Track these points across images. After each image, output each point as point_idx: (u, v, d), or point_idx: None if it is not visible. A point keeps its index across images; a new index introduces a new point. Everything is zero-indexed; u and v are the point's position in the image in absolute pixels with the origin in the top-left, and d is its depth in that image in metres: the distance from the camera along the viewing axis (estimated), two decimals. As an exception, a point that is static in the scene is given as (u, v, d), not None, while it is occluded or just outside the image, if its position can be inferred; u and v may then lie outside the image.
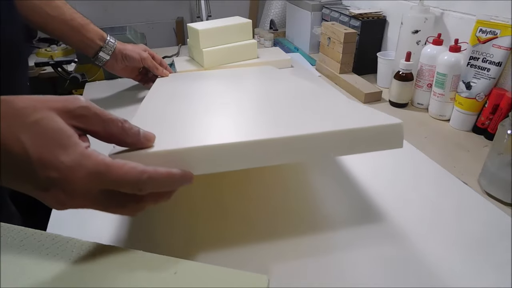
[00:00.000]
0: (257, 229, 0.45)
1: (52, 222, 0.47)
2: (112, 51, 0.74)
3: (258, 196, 0.51)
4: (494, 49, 0.66)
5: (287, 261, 0.41)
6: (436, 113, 0.77)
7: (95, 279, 0.30)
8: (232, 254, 0.42)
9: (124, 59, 0.76)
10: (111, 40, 0.74)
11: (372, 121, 0.38)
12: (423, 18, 0.80)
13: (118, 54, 0.75)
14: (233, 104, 0.53)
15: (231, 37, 0.95)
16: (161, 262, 0.31)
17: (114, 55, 0.74)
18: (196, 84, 0.71)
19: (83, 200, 0.29)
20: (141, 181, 0.30)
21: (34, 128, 0.27)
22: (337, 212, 0.48)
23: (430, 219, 0.47)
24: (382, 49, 1.02)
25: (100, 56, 0.73)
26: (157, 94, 0.64)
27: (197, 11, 1.56)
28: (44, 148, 0.27)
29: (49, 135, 0.27)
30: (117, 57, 0.75)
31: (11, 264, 0.31)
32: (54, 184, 0.27)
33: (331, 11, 1.08)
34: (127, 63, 0.77)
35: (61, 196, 0.28)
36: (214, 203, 0.50)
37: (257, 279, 0.30)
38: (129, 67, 0.79)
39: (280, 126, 0.41)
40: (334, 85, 0.93)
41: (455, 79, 0.72)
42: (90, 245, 0.33)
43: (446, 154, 0.64)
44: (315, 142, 0.37)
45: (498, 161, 0.53)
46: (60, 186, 0.28)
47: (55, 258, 0.32)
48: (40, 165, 0.27)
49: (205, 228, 0.46)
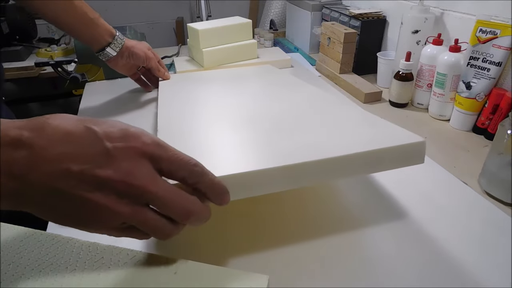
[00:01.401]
0: (262, 230, 0.45)
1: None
2: (120, 48, 0.73)
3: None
4: (494, 49, 0.66)
5: (288, 261, 0.41)
6: (436, 113, 0.77)
7: (95, 279, 0.30)
8: (234, 255, 0.42)
9: (130, 56, 0.75)
10: (119, 36, 0.73)
11: (396, 140, 0.39)
12: (423, 18, 0.80)
13: (125, 51, 0.74)
14: (250, 116, 0.53)
15: (231, 37, 0.95)
16: (161, 262, 0.31)
17: (121, 52, 0.74)
18: (205, 90, 0.72)
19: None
20: (194, 171, 0.29)
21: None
22: (337, 212, 0.48)
23: (430, 219, 0.47)
24: (382, 49, 1.02)
25: (107, 52, 0.72)
26: (170, 102, 0.65)
27: (197, 11, 1.56)
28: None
29: None
30: (124, 54, 0.74)
31: (11, 264, 0.31)
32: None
33: (331, 11, 1.08)
34: (132, 61, 0.77)
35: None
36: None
37: (257, 279, 0.30)
38: (129, 64, 0.78)
39: (309, 146, 0.40)
40: (334, 85, 0.93)
41: (455, 79, 0.72)
42: (90, 245, 0.33)
43: (446, 154, 0.64)
44: (344, 164, 0.37)
45: (498, 161, 0.53)
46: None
47: (55, 258, 0.32)
48: None
49: (210, 228, 0.46)
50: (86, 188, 0.25)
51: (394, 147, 0.39)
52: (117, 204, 0.26)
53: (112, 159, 0.26)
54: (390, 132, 0.42)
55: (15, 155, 0.24)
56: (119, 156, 0.26)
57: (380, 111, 0.80)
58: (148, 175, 0.27)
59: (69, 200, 0.25)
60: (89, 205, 0.26)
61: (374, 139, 0.40)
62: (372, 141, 0.39)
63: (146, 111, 0.77)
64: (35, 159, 0.25)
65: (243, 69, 0.92)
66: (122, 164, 0.26)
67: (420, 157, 0.40)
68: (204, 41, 0.91)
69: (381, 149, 0.38)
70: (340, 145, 0.39)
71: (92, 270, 0.31)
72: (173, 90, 0.73)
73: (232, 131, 0.48)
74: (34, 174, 0.25)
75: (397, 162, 0.40)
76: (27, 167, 0.25)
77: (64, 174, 0.25)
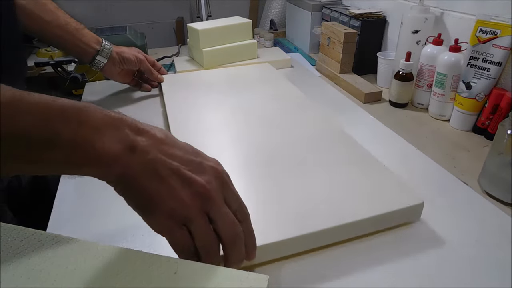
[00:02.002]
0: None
1: (52, 222, 0.47)
2: (109, 54, 0.73)
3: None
4: (494, 49, 0.66)
5: (288, 262, 0.41)
6: (436, 113, 0.77)
7: (95, 279, 0.30)
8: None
9: (121, 61, 0.76)
10: (106, 43, 0.74)
11: (398, 203, 0.44)
12: (423, 18, 0.80)
13: (116, 57, 0.75)
14: (252, 155, 0.57)
15: (231, 37, 0.95)
16: (161, 262, 0.31)
17: (111, 58, 0.74)
18: (208, 100, 0.74)
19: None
20: (244, 209, 0.35)
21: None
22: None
23: (430, 219, 0.47)
24: (382, 49, 1.02)
25: (98, 60, 0.73)
26: (179, 118, 0.67)
27: (197, 11, 1.56)
28: None
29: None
30: (115, 60, 0.75)
31: (11, 264, 0.31)
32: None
33: (331, 11, 1.08)
34: (125, 66, 0.77)
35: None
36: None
37: (257, 279, 0.30)
38: (125, 71, 0.78)
39: (318, 205, 0.45)
40: (334, 85, 0.93)
41: (455, 79, 0.72)
42: (90, 245, 0.33)
43: (446, 154, 0.64)
44: (351, 228, 0.42)
45: (498, 161, 0.53)
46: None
47: (55, 258, 0.32)
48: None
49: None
50: (176, 180, 0.31)
51: (395, 211, 0.44)
52: (191, 202, 0.31)
53: (202, 170, 0.33)
54: (393, 190, 0.47)
55: (138, 139, 0.31)
56: (207, 171, 0.33)
57: (380, 111, 0.80)
58: (219, 191, 0.33)
59: (160, 182, 0.31)
60: (171, 193, 0.31)
61: (381, 200, 0.45)
62: (379, 204, 0.44)
63: (146, 111, 0.77)
64: (155, 145, 0.32)
65: (243, 69, 0.92)
66: (206, 174, 0.33)
67: (417, 216, 0.46)
68: (204, 41, 0.91)
69: (385, 213, 0.43)
70: (350, 209, 0.44)
71: (92, 270, 0.31)
72: (177, 97, 0.75)
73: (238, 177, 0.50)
74: (151, 154, 0.31)
75: (396, 221, 0.45)
76: (148, 147, 0.31)
77: (164, 165, 0.31)
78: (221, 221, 0.32)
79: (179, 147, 0.33)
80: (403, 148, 0.64)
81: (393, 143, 0.65)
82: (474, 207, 0.50)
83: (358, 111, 0.77)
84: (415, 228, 0.46)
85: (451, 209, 0.49)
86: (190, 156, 0.33)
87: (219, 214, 0.32)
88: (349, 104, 0.81)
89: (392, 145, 0.64)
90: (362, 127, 0.71)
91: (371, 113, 0.75)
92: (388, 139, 0.67)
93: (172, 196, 0.31)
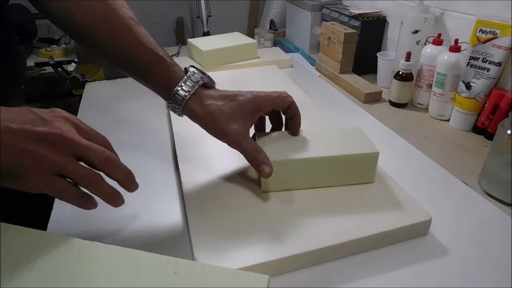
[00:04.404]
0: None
1: (52, 222, 0.47)
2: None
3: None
4: (494, 49, 0.66)
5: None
6: (436, 113, 0.77)
7: (96, 279, 0.30)
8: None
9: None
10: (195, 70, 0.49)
11: (407, 219, 0.43)
12: (423, 18, 0.80)
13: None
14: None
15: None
16: (161, 262, 0.31)
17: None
18: None
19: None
20: (101, 139, 0.37)
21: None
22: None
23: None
24: (382, 49, 1.02)
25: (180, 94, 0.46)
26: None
27: (197, 11, 1.56)
28: None
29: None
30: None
31: (12, 264, 0.31)
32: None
33: (331, 11, 1.08)
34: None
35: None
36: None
37: (257, 279, 0.30)
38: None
39: (327, 224, 0.43)
40: (334, 85, 0.93)
41: (455, 79, 0.72)
42: (90, 245, 0.33)
43: (446, 154, 0.64)
44: (360, 243, 0.42)
45: (498, 161, 0.53)
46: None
47: (55, 259, 0.32)
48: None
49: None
50: (26, 141, 0.32)
51: (404, 227, 0.43)
52: (51, 153, 0.32)
53: (46, 121, 0.33)
54: (402, 204, 0.46)
55: None
56: (52, 119, 0.34)
57: (380, 111, 0.80)
58: (74, 132, 0.34)
59: (12, 151, 0.31)
60: (29, 154, 0.32)
61: (389, 217, 0.44)
62: (386, 219, 0.43)
63: (146, 111, 0.77)
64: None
65: (247, 71, 0.91)
66: (54, 124, 0.33)
67: (425, 231, 0.45)
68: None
69: (394, 230, 0.42)
70: (357, 226, 0.43)
71: (92, 270, 0.31)
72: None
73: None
74: None
75: (404, 237, 0.44)
76: None
77: (6, 131, 0.31)
78: (88, 152, 0.34)
79: (13, 111, 0.33)
80: (403, 148, 0.64)
81: (393, 143, 0.65)
82: (474, 207, 0.50)
83: (358, 111, 0.77)
84: (415, 228, 0.45)
85: (451, 209, 0.49)
86: (31, 115, 0.33)
87: (84, 149, 0.34)
88: (349, 104, 0.81)
89: (392, 145, 0.64)
90: (362, 127, 0.71)
91: (371, 113, 0.75)
92: (388, 139, 0.67)
93: (31, 156, 0.32)
